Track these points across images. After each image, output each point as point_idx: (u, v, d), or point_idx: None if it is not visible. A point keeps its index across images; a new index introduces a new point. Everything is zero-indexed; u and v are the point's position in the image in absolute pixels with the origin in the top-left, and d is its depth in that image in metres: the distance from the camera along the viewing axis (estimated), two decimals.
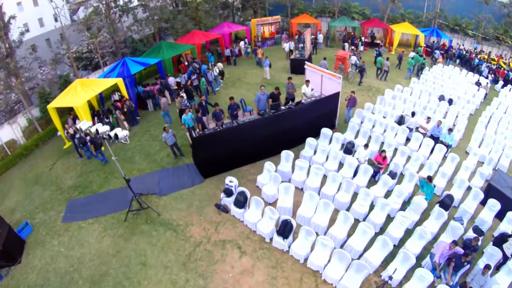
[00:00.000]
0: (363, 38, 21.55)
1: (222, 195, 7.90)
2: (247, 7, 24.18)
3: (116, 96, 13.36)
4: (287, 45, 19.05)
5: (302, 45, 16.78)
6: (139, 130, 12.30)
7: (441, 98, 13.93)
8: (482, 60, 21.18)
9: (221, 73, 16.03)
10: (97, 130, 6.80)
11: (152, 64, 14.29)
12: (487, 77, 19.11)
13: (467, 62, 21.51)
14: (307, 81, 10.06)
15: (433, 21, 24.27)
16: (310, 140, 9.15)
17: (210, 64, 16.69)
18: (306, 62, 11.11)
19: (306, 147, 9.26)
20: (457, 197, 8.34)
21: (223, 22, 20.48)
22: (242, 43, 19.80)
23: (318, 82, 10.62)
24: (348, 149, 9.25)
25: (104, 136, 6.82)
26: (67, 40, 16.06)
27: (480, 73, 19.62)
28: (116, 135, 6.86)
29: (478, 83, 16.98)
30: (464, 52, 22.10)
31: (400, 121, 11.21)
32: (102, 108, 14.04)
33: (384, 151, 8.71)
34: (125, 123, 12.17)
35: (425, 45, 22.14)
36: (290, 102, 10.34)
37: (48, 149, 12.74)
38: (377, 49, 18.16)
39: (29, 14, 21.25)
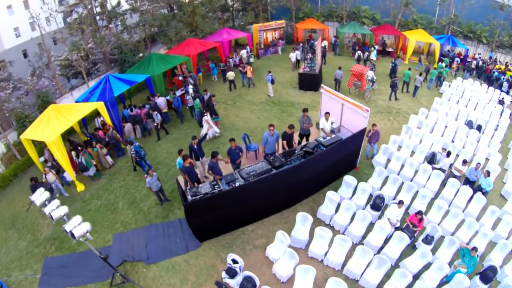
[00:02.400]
0: (376, 46, 19.78)
1: (224, 274, 6.26)
2: (248, 10, 22.15)
3: (98, 123, 11.51)
4: (293, 55, 17.17)
5: (311, 55, 14.92)
6: (124, 164, 10.54)
7: (469, 124, 12.42)
8: (501, 73, 19.65)
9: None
10: None
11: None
12: (508, 92, 17.65)
13: (483, 73, 20.02)
14: (327, 114, 8.33)
15: (446, 28, 22.59)
16: (331, 195, 7.51)
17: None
18: (322, 86, 9.34)
19: (326, 202, 7.62)
20: (498, 262, 6.91)
21: (222, 28, 18.50)
22: (243, 51, 17.85)
23: (337, 111, 8.94)
24: (377, 205, 7.64)
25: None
26: (48, 51, 14.12)
27: (500, 87, 18.11)
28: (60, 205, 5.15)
29: (501, 102, 15.53)
30: (481, 63, 20.54)
31: (432, 159, 9.64)
32: (85, 132, 12.22)
33: (420, 212, 7.12)
34: (108, 158, 10.38)
35: (440, 54, 20.48)
36: (305, 140, 8.64)
37: (27, 180, 11.05)
38: (393, 60, 16.41)
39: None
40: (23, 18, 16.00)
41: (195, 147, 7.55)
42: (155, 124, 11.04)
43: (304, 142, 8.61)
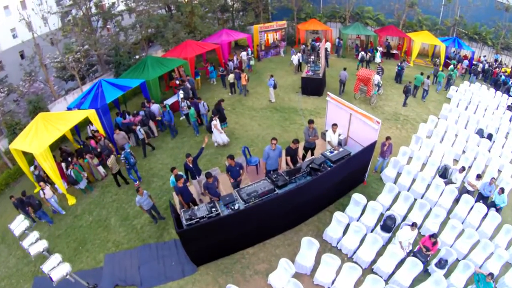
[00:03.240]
0: (380, 48, 19.18)
1: None
2: (249, 10, 21.47)
3: (90, 131, 10.91)
4: (295, 57, 16.55)
5: (314, 57, 14.31)
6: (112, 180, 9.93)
7: (480, 133, 11.90)
8: (508, 76, 19.12)
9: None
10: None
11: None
12: None
13: (490, 76, 19.49)
14: (334, 126, 7.73)
15: (451, 29, 22.00)
16: (338, 216, 6.96)
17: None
18: (329, 94, 8.75)
19: (333, 223, 7.07)
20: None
21: (221, 29, 17.85)
22: (243, 53, 17.22)
23: (344, 121, 8.37)
24: (388, 226, 7.11)
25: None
26: (41, 54, 13.48)
27: (508, 91, 17.59)
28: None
29: (510, 108, 15.02)
30: (487, 66, 20.00)
31: (444, 173, 9.12)
32: (78, 139, 11.63)
33: (435, 235, 6.58)
34: (99, 168, 9.80)
35: (445, 57, 19.91)
36: (310, 154, 8.08)
37: (20, 190, 10.52)
38: (399, 63, 15.82)
39: None
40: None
41: (190, 165, 6.96)
42: (141, 138, 10.08)
43: (309, 157, 8.06)
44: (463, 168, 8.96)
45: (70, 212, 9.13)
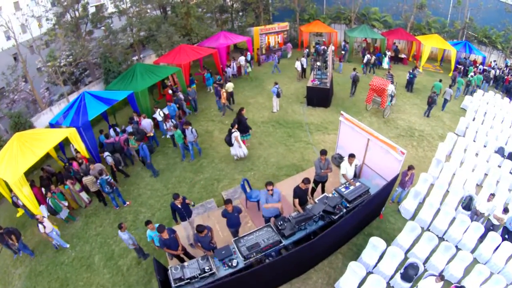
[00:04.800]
0: (388, 52, 18.08)
1: None
2: (249, 11, 20.24)
3: (73, 150, 9.79)
4: (298, 63, 15.40)
5: (320, 64, 13.19)
6: (101, 204, 8.88)
7: (500, 152, 10.90)
8: None
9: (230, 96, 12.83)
10: None
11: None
12: None
13: (502, 83, 18.45)
14: (352, 158, 6.60)
15: (460, 32, 20.90)
16: (354, 266, 5.95)
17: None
18: (342, 114, 7.66)
19: (347, 274, 6.05)
20: None
21: (219, 32, 16.65)
22: (242, 58, 16.06)
23: (360, 145, 7.31)
24: (410, 276, 6.10)
25: None
26: (25, 62, 12.29)
27: None
28: None
29: None
30: (498, 72, 18.97)
31: (469, 205, 8.12)
32: (62, 157, 10.53)
33: None
34: (82, 194, 8.72)
35: (456, 62, 18.85)
36: (321, 188, 7.02)
37: (1, 213, 9.72)
38: (410, 71, 14.72)
39: None
40: (13, 20, 14.30)
41: (179, 206, 5.89)
42: (111, 164, 8.89)
43: (319, 193, 7.00)
44: (491, 195, 7.98)
45: (51, 245, 8.11)
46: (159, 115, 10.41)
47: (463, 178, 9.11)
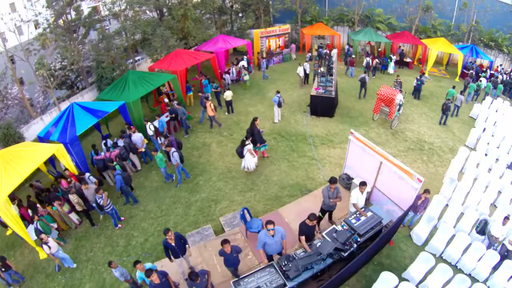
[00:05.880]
0: (394, 56, 17.45)
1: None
2: (249, 12, 19.54)
3: (62, 165, 9.13)
4: (301, 68, 14.69)
5: (322, 70, 12.56)
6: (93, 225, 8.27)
7: None
8: None
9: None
10: None
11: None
12: None
13: (509, 89, 17.87)
14: (363, 186, 5.95)
15: (466, 35, 20.27)
16: None
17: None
18: (352, 133, 7.06)
19: None
20: None
21: (217, 35, 15.97)
22: (242, 63, 15.38)
23: (371, 167, 6.72)
24: None
25: None
26: (14, 69, 11.62)
27: None
28: None
29: None
30: (506, 77, 18.38)
31: (483, 229, 7.56)
32: (52, 171, 9.93)
33: None
34: (72, 215, 8.11)
35: (463, 66, 18.24)
36: (328, 216, 6.41)
37: None
38: (418, 77, 14.07)
39: None
40: (9, 22, 13.68)
41: (173, 244, 5.28)
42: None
43: (326, 223, 6.40)
44: (506, 219, 7.43)
45: (42, 269, 7.54)
46: (149, 129, 9.76)
47: (477, 198, 8.55)
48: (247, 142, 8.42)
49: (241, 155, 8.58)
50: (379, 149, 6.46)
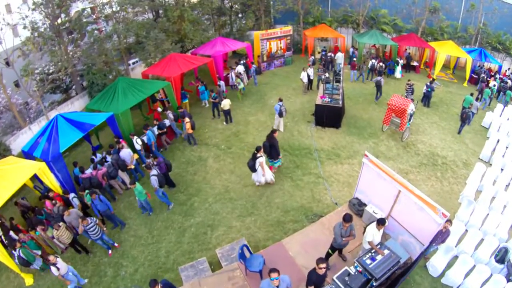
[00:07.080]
0: (400, 60, 16.69)
1: None
2: (249, 13, 18.70)
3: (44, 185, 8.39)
4: (305, 74, 13.87)
5: (326, 76, 11.78)
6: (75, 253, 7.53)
7: None
8: None
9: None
10: None
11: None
12: None
13: None
14: (381, 224, 5.19)
15: (474, 38, 19.51)
16: None
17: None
18: (366, 155, 6.33)
19: None
20: None
21: (215, 38, 15.16)
22: (239, 67, 14.51)
23: (388, 194, 6.02)
24: None
25: None
26: (1, 76, 10.84)
27: None
28: None
29: None
30: None
31: (503, 258, 6.90)
32: (39, 186, 9.20)
33: None
34: (58, 241, 7.37)
35: (471, 71, 17.50)
36: (338, 253, 5.69)
37: None
38: (429, 83, 13.31)
39: None
40: (4, 23, 12.92)
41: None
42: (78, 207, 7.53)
43: (337, 259, 5.68)
44: None
45: None
46: (136, 143, 8.99)
47: (496, 221, 7.87)
48: (258, 155, 7.76)
49: (253, 169, 7.96)
50: (398, 176, 5.73)
